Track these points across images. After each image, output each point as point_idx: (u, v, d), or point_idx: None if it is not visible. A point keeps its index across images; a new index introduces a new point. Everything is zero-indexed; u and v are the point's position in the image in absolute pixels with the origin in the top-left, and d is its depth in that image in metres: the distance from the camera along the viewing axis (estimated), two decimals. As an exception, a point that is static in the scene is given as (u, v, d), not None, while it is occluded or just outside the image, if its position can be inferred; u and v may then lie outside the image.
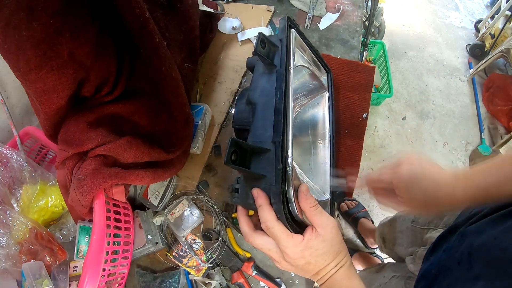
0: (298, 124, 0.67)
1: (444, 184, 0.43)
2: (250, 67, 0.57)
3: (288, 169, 0.40)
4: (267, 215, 0.39)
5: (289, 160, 0.40)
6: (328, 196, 0.59)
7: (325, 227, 0.39)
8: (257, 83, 0.51)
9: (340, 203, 1.42)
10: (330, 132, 0.67)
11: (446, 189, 0.42)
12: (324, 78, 0.71)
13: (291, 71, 0.48)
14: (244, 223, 0.43)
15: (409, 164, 0.46)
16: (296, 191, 0.40)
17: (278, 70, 0.48)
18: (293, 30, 0.55)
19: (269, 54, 0.51)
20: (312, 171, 0.63)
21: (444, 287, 0.39)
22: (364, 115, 0.76)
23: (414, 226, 0.71)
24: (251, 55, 0.55)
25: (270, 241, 0.40)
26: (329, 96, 0.70)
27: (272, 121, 0.44)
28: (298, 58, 0.58)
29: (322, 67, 0.71)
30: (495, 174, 0.39)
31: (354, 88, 0.79)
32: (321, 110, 0.69)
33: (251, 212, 0.47)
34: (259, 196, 0.40)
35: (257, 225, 0.43)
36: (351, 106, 0.77)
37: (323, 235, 0.39)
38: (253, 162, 0.42)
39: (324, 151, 0.66)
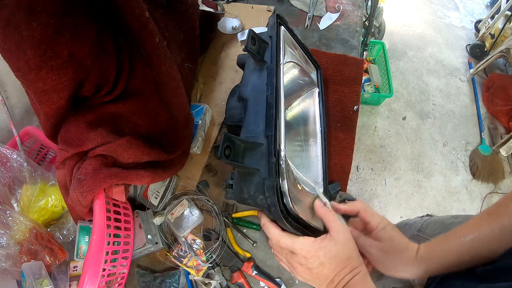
0: (289, 120, 0.67)
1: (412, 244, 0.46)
2: (241, 64, 0.57)
3: (281, 162, 0.40)
4: (273, 230, 0.43)
5: (282, 154, 0.41)
6: (321, 190, 0.60)
7: (339, 232, 0.42)
8: (248, 79, 0.51)
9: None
10: (321, 127, 0.67)
11: (412, 245, 0.46)
12: (314, 74, 0.71)
13: (281, 66, 0.49)
14: (273, 226, 0.46)
15: None
16: (291, 185, 0.41)
17: (268, 66, 0.49)
18: (282, 27, 0.55)
19: (260, 51, 0.51)
20: (305, 165, 0.64)
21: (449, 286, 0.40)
22: (355, 107, 0.76)
23: (420, 236, 0.69)
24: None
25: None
26: (319, 92, 0.70)
27: (264, 116, 0.44)
28: (288, 55, 0.58)
29: (311, 63, 0.71)
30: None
31: (343, 82, 0.79)
32: (312, 106, 0.69)
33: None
34: (262, 216, 0.44)
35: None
36: (341, 100, 0.78)
37: (336, 239, 0.42)
38: (247, 156, 0.42)
39: (315, 146, 0.66)
